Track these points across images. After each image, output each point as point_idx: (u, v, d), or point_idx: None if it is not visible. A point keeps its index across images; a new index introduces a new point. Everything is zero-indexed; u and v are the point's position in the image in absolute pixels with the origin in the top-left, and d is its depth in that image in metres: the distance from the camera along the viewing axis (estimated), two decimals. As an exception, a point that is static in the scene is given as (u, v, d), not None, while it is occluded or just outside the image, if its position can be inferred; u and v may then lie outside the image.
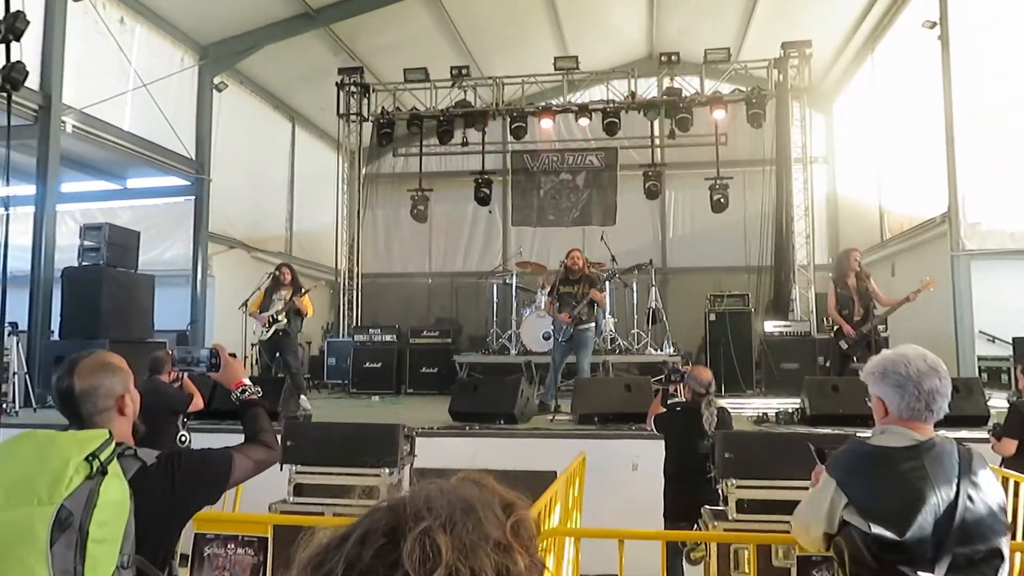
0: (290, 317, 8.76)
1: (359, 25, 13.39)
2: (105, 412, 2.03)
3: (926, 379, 2.14)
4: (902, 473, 2.08)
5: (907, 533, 2.01)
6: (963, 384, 6.91)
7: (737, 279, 13.75)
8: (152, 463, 1.97)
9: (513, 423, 7.19)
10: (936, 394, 2.14)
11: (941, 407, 2.15)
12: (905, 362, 2.17)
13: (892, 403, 2.18)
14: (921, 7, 11.89)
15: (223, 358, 2.49)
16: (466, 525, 0.77)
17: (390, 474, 4.57)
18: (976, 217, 10.79)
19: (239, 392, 2.46)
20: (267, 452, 2.34)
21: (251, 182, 14.56)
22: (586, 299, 8.24)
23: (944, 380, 2.16)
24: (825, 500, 2.17)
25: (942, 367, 2.19)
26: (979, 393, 6.79)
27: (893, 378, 2.17)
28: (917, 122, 12.17)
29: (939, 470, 2.06)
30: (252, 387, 2.48)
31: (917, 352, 2.21)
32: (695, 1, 14.27)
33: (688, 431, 4.94)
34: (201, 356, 2.52)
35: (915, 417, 2.14)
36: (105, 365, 2.07)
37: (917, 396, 2.13)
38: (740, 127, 13.49)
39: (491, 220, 16.81)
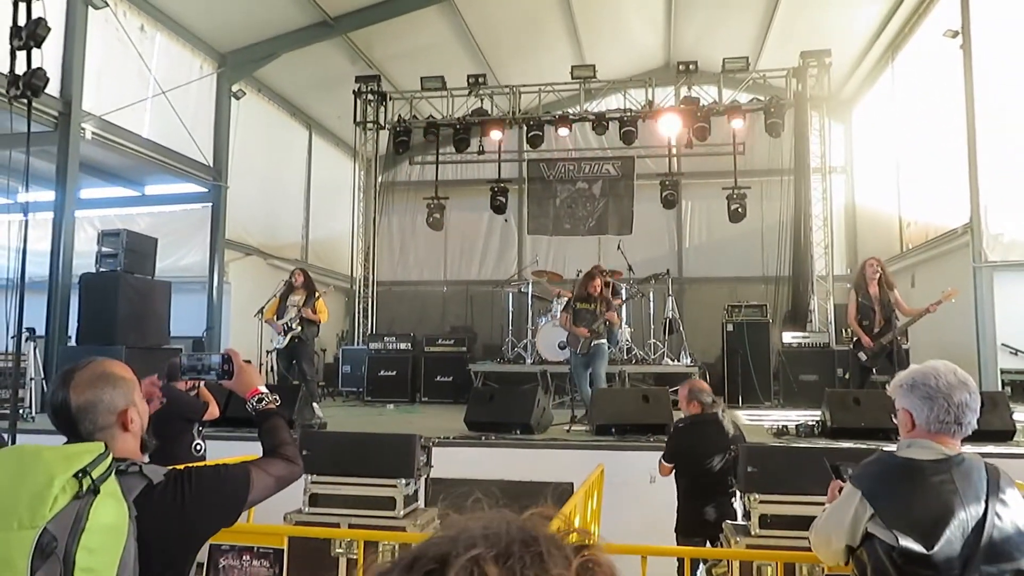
0: (304, 324, 8.75)
1: (376, 33, 13.43)
2: (107, 429, 1.81)
3: (956, 392, 2.11)
4: (931, 486, 2.05)
5: (935, 547, 1.98)
6: (988, 398, 6.75)
7: (754, 289, 13.66)
8: (160, 481, 1.78)
9: (529, 433, 7.13)
10: (966, 408, 2.11)
11: (970, 422, 2.12)
12: (935, 375, 2.15)
13: (920, 416, 2.15)
14: (943, 16, 11.79)
15: (236, 364, 2.28)
16: (523, 559, 0.72)
17: (407, 485, 4.52)
18: (998, 228, 10.65)
19: (255, 401, 2.24)
20: (288, 467, 2.13)
21: (268, 189, 14.61)
22: (603, 317, 8.33)
23: (974, 395, 2.14)
24: (849, 511, 2.13)
25: (971, 382, 2.16)
26: (1005, 407, 6.66)
27: (922, 390, 2.14)
28: (938, 132, 12.04)
29: (968, 486, 2.03)
30: (269, 395, 2.26)
31: (947, 366, 2.18)
32: (712, 10, 14.22)
33: (703, 444, 4.80)
34: (212, 363, 2.30)
35: (943, 431, 2.12)
36: (105, 376, 1.85)
37: (947, 409, 2.10)
38: (758, 136, 13.42)
39: (507, 228, 16.79)
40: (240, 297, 12.82)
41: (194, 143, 12.13)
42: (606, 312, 8.38)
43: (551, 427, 7.80)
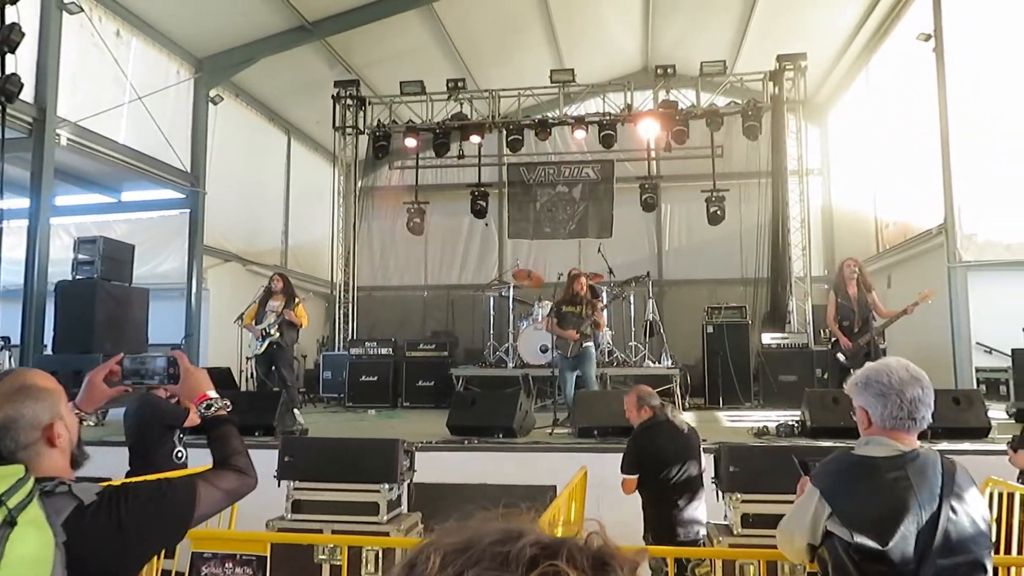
0: (283, 329, 8.70)
1: (355, 38, 13.39)
2: (30, 447, 1.64)
3: (908, 388, 2.13)
4: (885, 483, 2.08)
5: (890, 543, 2.01)
6: (964, 396, 6.89)
7: (734, 291, 13.75)
8: (92, 501, 1.62)
9: (512, 437, 7.14)
10: (919, 403, 2.13)
11: (924, 416, 2.15)
12: (887, 372, 2.17)
13: (875, 413, 2.18)
14: (916, 20, 11.95)
15: (183, 367, 2.09)
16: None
17: (390, 490, 4.52)
18: (972, 228, 10.81)
19: (203, 407, 2.05)
20: (240, 479, 1.95)
21: (246, 195, 14.51)
22: (590, 319, 8.32)
23: (927, 389, 2.16)
24: (809, 510, 2.16)
25: (924, 377, 2.19)
26: (980, 405, 6.77)
27: (875, 387, 2.17)
28: (912, 133, 12.21)
29: (923, 481, 2.06)
30: (220, 400, 2.07)
31: (900, 363, 2.21)
32: (690, 15, 14.33)
33: (664, 448, 4.64)
34: (156, 367, 2.10)
35: (898, 427, 2.14)
36: (25, 389, 1.68)
37: (900, 405, 2.13)
38: (736, 139, 13.54)
39: (487, 233, 16.81)
40: (219, 304, 12.73)
41: (171, 149, 12.03)
42: (592, 313, 8.39)
43: (534, 430, 7.81)
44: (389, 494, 4.51)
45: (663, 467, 4.57)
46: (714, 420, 9.50)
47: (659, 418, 4.79)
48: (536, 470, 6.43)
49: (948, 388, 9.08)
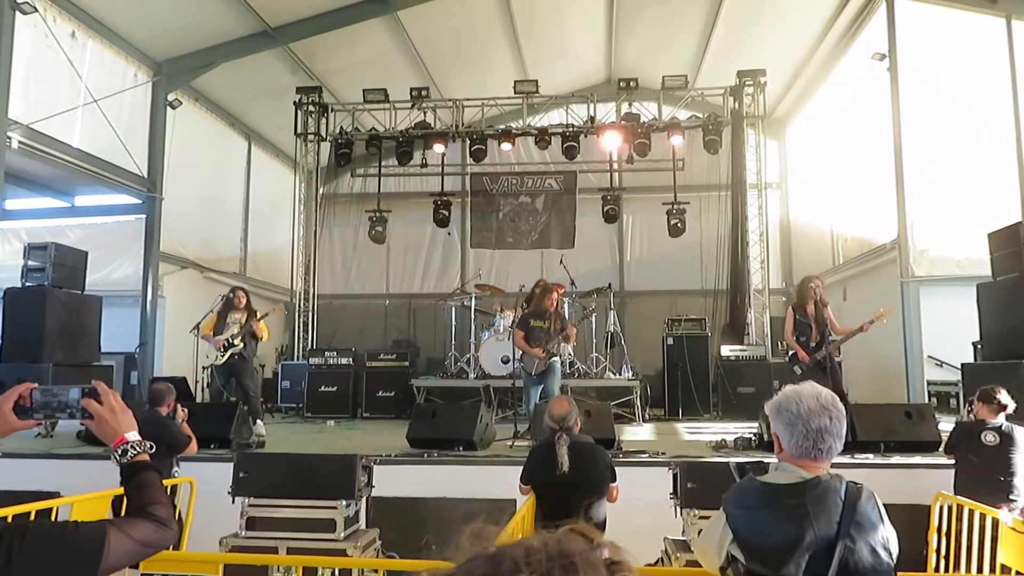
0: (246, 340, 8.57)
1: (318, 44, 13.30)
2: None
3: (815, 418, 2.12)
4: (784, 510, 2.08)
5: (781, 571, 2.01)
6: (915, 410, 7.04)
7: (694, 302, 13.91)
8: None
9: (472, 450, 7.10)
10: (824, 433, 2.12)
11: (831, 447, 2.14)
12: (797, 400, 2.17)
13: (784, 440, 2.19)
14: (871, 40, 12.26)
15: (105, 404, 1.85)
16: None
17: (347, 506, 4.46)
18: (924, 244, 11.09)
19: (119, 453, 1.83)
20: (158, 531, 1.75)
21: (205, 201, 14.27)
22: (558, 335, 8.24)
23: (835, 419, 2.15)
24: (717, 531, 2.18)
25: (835, 407, 2.17)
26: (931, 419, 6.91)
27: (784, 416, 2.17)
28: (867, 150, 12.50)
29: (821, 509, 2.05)
30: (140, 444, 1.86)
31: (812, 391, 2.20)
32: (653, 29, 14.51)
33: (550, 475, 4.32)
34: (69, 399, 1.84)
35: (804, 456, 2.14)
36: None
37: (805, 435, 2.13)
38: (697, 153, 13.71)
39: (450, 242, 16.78)
40: (175, 312, 12.48)
41: (128, 153, 11.79)
42: (563, 329, 8.31)
43: (494, 443, 7.79)
44: (346, 510, 4.45)
45: (546, 498, 4.38)
46: (673, 432, 9.58)
47: (547, 443, 4.48)
48: (496, 483, 6.38)
49: (900, 402, 9.31)
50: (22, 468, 6.67)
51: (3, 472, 6.50)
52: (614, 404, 9.61)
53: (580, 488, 4.32)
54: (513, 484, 5.99)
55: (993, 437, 5.11)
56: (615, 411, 9.27)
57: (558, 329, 8.26)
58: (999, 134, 11.10)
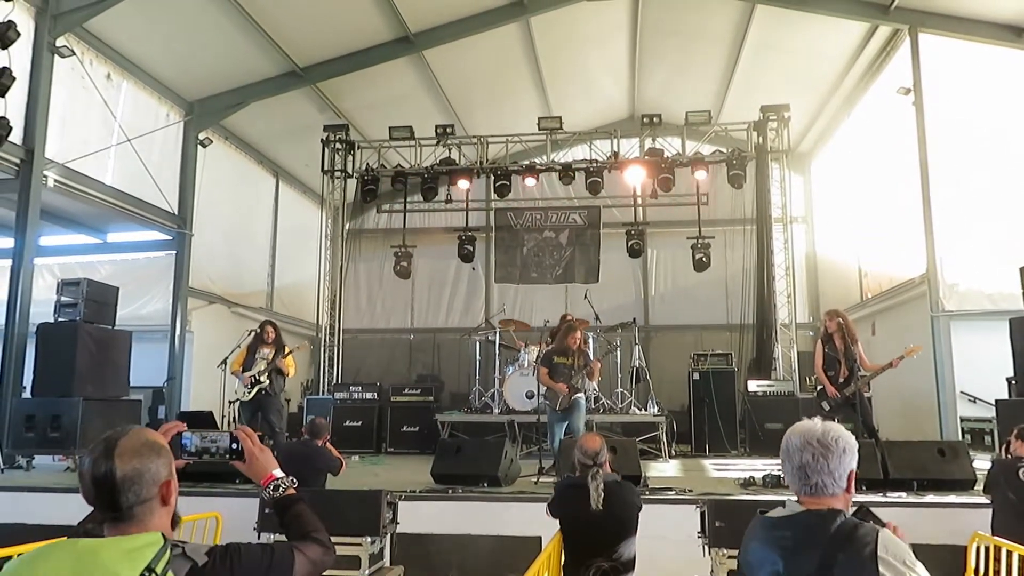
0: (272, 377, 8.63)
1: (345, 83, 13.55)
2: (148, 502, 1.71)
3: (796, 454, 2.11)
4: (771, 542, 2.07)
5: None
6: (949, 447, 6.89)
7: (719, 337, 13.78)
8: (204, 562, 1.71)
9: (497, 486, 7.05)
10: (807, 469, 2.08)
11: (818, 483, 2.08)
12: (789, 436, 2.16)
13: (785, 476, 2.19)
14: (896, 74, 12.25)
15: (255, 445, 2.10)
16: None
17: (372, 543, 4.44)
18: (954, 278, 10.94)
19: (271, 488, 2.07)
20: (325, 552, 2.00)
21: (233, 237, 14.50)
22: (582, 371, 8.24)
23: (817, 456, 2.08)
24: None
25: (821, 442, 2.09)
26: (965, 456, 6.76)
27: (783, 453, 2.17)
28: (894, 184, 12.41)
29: (805, 543, 2.02)
30: (286, 479, 2.09)
31: (805, 426, 2.16)
32: (675, 65, 14.62)
33: (580, 512, 4.25)
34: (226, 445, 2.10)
35: (800, 492, 2.13)
36: (150, 446, 1.75)
37: (792, 472, 2.12)
38: (721, 187, 13.69)
39: (474, 277, 16.84)
40: (203, 346, 12.62)
41: (159, 190, 12.04)
42: (585, 366, 8.29)
43: (519, 479, 7.73)
44: (371, 547, 4.43)
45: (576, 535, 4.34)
46: (700, 469, 9.45)
47: (579, 479, 4.38)
48: (521, 520, 6.33)
49: (933, 439, 9.13)
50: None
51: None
52: (640, 440, 9.52)
53: (611, 526, 4.26)
54: (539, 521, 5.93)
55: (1031, 475, 4.99)
56: (641, 447, 9.18)
57: (582, 365, 8.25)
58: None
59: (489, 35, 12.83)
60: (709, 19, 12.80)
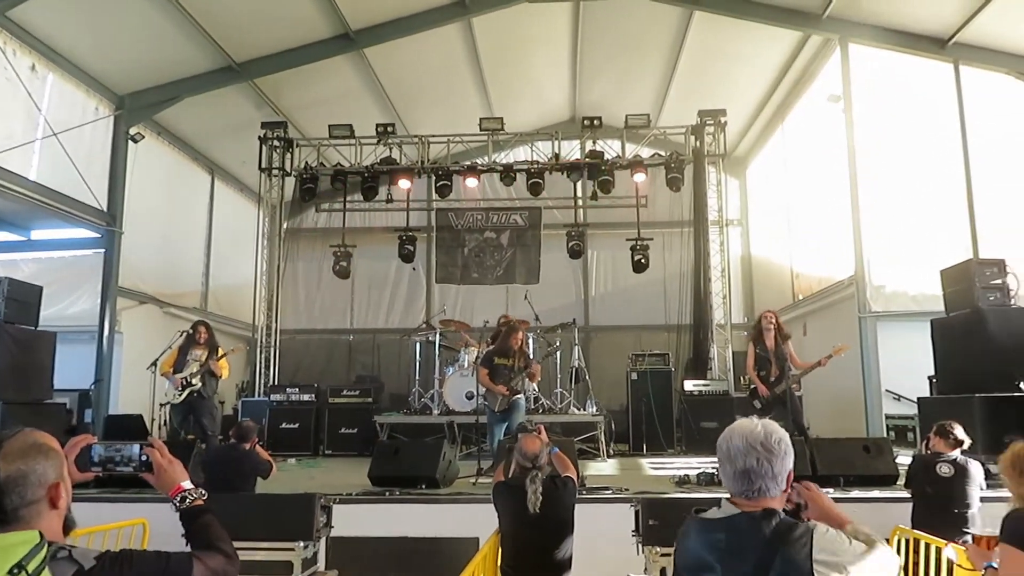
0: (205, 379, 8.43)
1: (284, 80, 13.31)
2: (34, 504, 1.68)
3: (740, 458, 2.07)
4: (707, 545, 2.07)
5: None
6: (873, 444, 7.14)
7: (658, 337, 13.99)
8: (92, 567, 1.66)
9: (435, 487, 7.03)
10: (752, 474, 2.05)
11: (761, 487, 2.06)
12: (729, 438, 2.11)
13: (722, 479, 2.16)
14: (827, 81, 12.64)
15: (155, 460, 2.06)
16: None
17: (305, 547, 4.37)
18: (881, 280, 11.33)
19: (178, 500, 2.04)
20: (229, 562, 1.97)
21: (166, 235, 14.09)
22: (522, 373, 8.26)
23: (763, 460, 2.05)
24: None
25: (765, 446, 2.07)
26: (889, 453, 7.01)
27: (720, 454, 2.13)
28: (825, 189, 12.79)
29: (740, 546, 2.02)
30: (195, 490, 2.07)
31: (744, 428, 2.11)
32: (616, 69, 14.78)
33: (518, 512, 4.25)
34: (132, 454, 2.07)
35: (739, 495, 2.09)
36: (37, 447, 1.72)
37: (734, 475, 2.08)
38: (660, 190, 13.90)
39: (415, 277, 16.73)
40: (133, 347, 12.24)
41: (87, 187, 11.62)
42: (526, 368, 8.31)
43: (457, 480, 7.71)
44: (304, 552, 4.36)
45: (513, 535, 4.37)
46: (637, 467, 9.58)
47: (518, 480, 4.38)
48: (459, 521, 6.32)
49: (860, 436, 9.44)
50: None
51: None
52: (578, 440, 9.60)
53: (548, 527, 4.28)
54: (477, 522, 5.93)
55: (948, 469, 5.20)
56: (579, 447, 9.26)
57: (522, 367, 8.27)
58: (950, 173, 11.47)
59: (431, 34, 12.76)
60: (649, 25, 12.98)
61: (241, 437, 6.27)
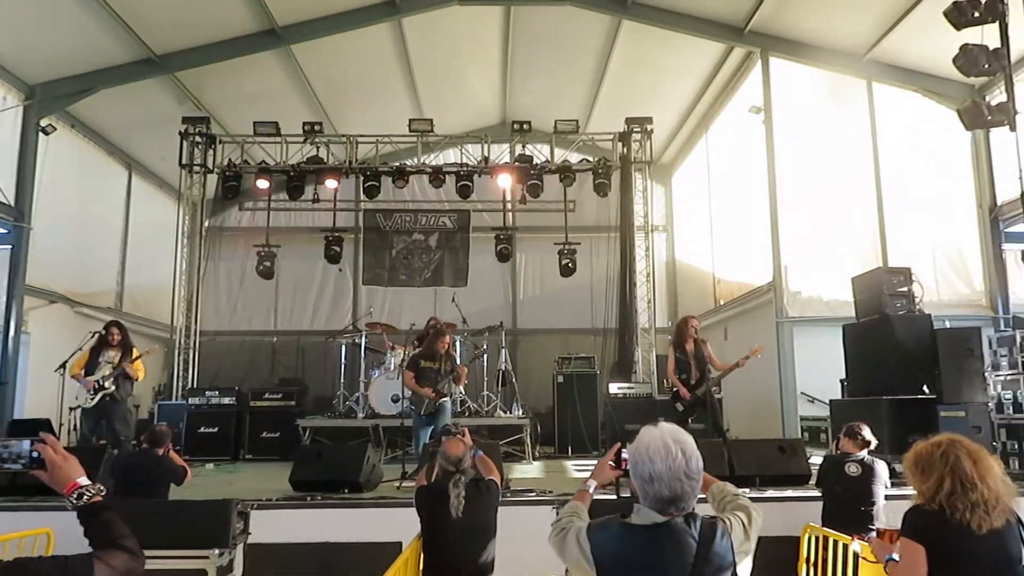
0: (119, 382, 8.11)
1: (207, 74, 12.95)
2: None
3: (667, 487, 2.14)
4: (641, 553, 2.15)
5: None
6: (788, 445, 7.37)
7: (584, 341, 14.16)
8: None
9: (358, 491, 6.93)
10: (679, 499, 2.15)
11: (686, 506, 2.17)
12: (649, 460, 2.16)
13: (640, 495, 2.21)
14: (749, 93, 13.03)
15: (58, 454, 1.97)
16: None
17: (220, 555, 4.25)
18: (797, 286, 11.75)
19: (74, 497, 1.95)
20: (131, 559, 1.88)
21: (79, 232, 13.51)
22: (448, 376, 8.23)
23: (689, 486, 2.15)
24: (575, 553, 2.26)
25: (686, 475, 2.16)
26: (802, 453, 7.25)
27: (642, 474, 2.18)
28: (746, 197, 13.19)
29: (675, 552, 2.13)
30: (93, 486, 1.98)
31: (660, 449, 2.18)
32: (546, 74, 14.91)
33: (440, 516, 4.24)
34: (21, 451, 1.99)
35: (661, 511, 2.17)
36: None
37: (659, 498, 2.15)
38: (587, 195, 14.06)
39: (341, 278, 16.50)
40: (42, 349, 11.69)
41: (-7, 180, 11.08)
42: (452, 370, 8.30)
43: (381, 484, 7.63)
44: (219, 560, 4.25)
45: (434, 541, 4.36)
46: (562, 470, 9.65)
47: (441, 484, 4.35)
48: (382, 526, 6.24)
49: (776, 437, 9.76)
50: None
51: None
52: (504, 442, 9.62)
53: (471, 531, 4.27)
54: (400, 526, 5.87)
55: (856, 468, 5.42)
56: (505, 449, 9.28)
57: (448, 370, 8.25)
58: (863, 185, 11.99)
59: (360, 33, 12.63)
60: (579, 31, 13.14)
61: (153, 442, 6.06)
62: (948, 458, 2.93)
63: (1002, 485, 2.91)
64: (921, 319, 8.23)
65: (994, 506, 2.85)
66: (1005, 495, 2.90)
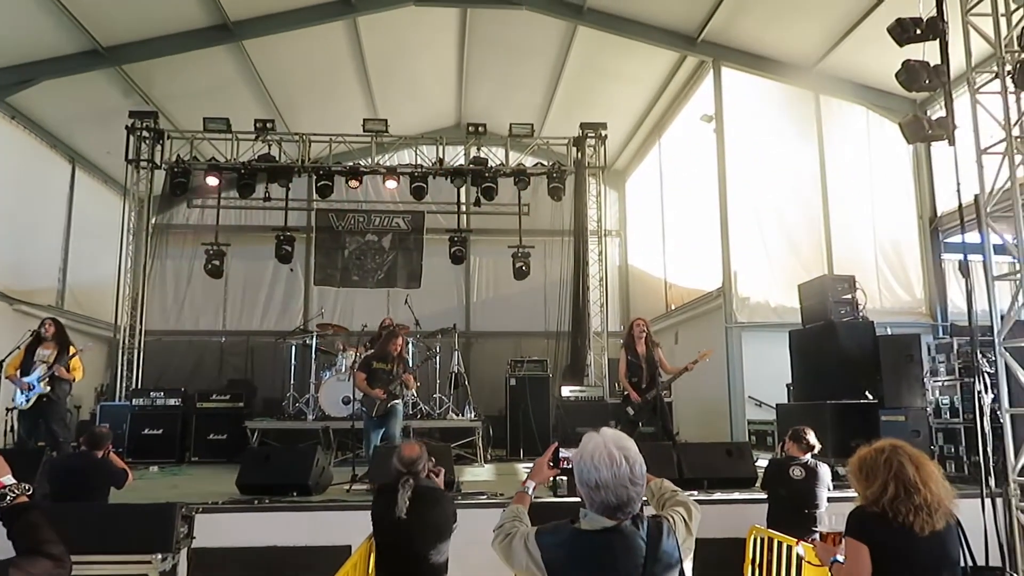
0: (54, 382, 7.85)
1: (155, 68, 12.66)
2: None
3: (612, 494, 2.18)
4: (593, 557, 2.19)
5: None
6: (735, 448, 7.50)
7: (537, 344, 14.19)
8: None
9: (307, 494, 6.84)
10: (626, 507, 2.19)
11: (631, 510, 2.21)
12: (594, 468, 2.19)
13: (587, 502, 2.24)
14: (701, 101, 13.24)
15: None
16: None
17: (163, 560, 4.15)
18: (746, 292, 11.97)
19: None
20: (55, 566, 1.80)
21: (17, 227, 13.03)
22: (399, 378, 8.24)
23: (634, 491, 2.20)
24: (523, 559, 2.28)
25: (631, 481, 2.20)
26: (749, 456, 7.39)
27: (588, 482, 2.21)
28: (697, 204, 13.39)
29: (626, 554, 2.17)
30: (19, 486, 1.90)
31: (604, 457, 2.20)
32: (502, 77, 14.94)
33: (388, 517, 4.19)
34: None
35: (609, 517, 2.20)
36: None
37: (606, 505, 2.18)
38: (542, 199, 14.11)
39: (292, 278, 16.28)
40: (-24, 348, 11.27)
41: (-74, 171, 10.65)
42: (403, 372, 8.29)
43: (331, 487, 7.54)
44: (162, 564, 4.14)
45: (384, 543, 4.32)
46: (514, 472, 9.65)
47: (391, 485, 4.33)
48: (330, 530, 6.17)
49: (725, 440, 9.92)
50: None
51: None
52: (456, 445, 9.61)
53: (419, 533, 4.25)
54: (349, 529, 5.82)
55: (800, 472, 5.53)
56: (457, 452, 9.27)
57: (400, 372, 8.23)
58: (810, 193, 12.29)
59: (314, 31, 12.49)
60: (535, 36, 13.20)
61: (92, 444, 5.87)
62: (892, 464, 3.01)
63: (943, 489, 3.01)
64: (864, 326, 8.45)
65: (936, 509, 2.94)
66: (946, 499, 3.00)
